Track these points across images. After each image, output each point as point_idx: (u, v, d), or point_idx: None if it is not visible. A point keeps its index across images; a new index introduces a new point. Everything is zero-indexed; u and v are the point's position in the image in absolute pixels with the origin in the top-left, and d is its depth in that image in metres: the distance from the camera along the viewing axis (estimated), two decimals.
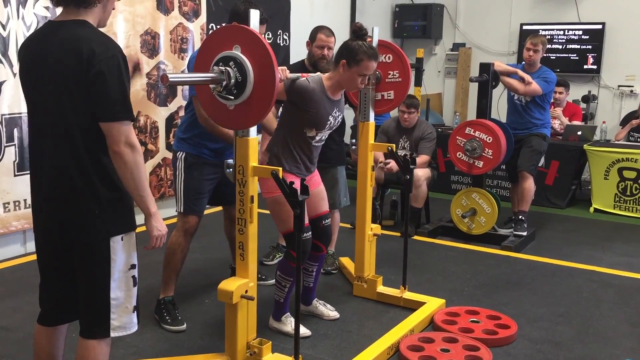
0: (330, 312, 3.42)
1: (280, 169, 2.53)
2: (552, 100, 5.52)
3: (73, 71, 1.92)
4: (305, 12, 6.83)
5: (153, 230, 2.08)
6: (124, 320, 2.11)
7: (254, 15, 2.49)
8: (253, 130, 2.54)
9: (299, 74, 2.98)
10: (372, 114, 3.61)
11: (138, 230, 2.12)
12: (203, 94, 2.51)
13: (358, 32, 3.02)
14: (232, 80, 2.33)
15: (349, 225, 5.22)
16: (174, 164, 3.34)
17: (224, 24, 5.83)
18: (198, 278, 3.93)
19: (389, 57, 3.64)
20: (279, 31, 6.41)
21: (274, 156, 3.01)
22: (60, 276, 2.14)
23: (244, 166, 2.55)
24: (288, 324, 3.17)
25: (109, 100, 1.92)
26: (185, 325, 3.23)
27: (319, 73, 3.16)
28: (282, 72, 2.75)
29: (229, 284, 2.54)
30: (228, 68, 2.34)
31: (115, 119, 1.94)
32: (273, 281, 3.49)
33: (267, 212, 3.05)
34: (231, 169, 2.60)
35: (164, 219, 2.22)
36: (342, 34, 7.52)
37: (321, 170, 3.31)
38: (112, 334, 2.10)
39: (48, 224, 2.08)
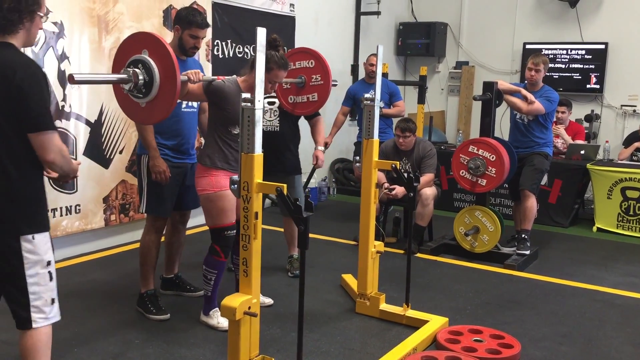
0: (265, 299, 3.68)
1: (285, 185, 2.53)
2: (554, 120, 5.53)
3: None
4: (309, 30, 6.88)
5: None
6: (44, 311, 2.29)
7: (261, 32, 2.51)
8: (258, 147, 2.55)
9: (216, 77, 3.25)
10: (376, 132, 3.62)
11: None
12: (120, 95, 2.72)
13: (272, 42, 3.31)
14: (141, 81, 2.54)
15: (352, 242, 5.22)
16: (138, 167, 3.56)
17: (229, 41, 5.88)
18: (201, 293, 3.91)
19: (311, 63, 3.88)
20: (284, 48, 6.44)
21: (206, 156, 3.25)
22: None
23: (248, 182, 2.55)
24: (214, 317, 3.39)
25: (33, 114, 2.16)
26: (169, 314, 3.49)
27: (234, 75, 3.38)
28: (195, 75, 3.00)
29: (232, 301, 2.53)
30: (136, 69, 2.56)
31: (41, 129, 2.17)
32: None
33: (269, 227, 3.06)
34: (236, 185, 2.60)
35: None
36: (346, 52, 7.62)
37: (277, 179, 3.40)
38: (34, 325, 2.27)
39: None
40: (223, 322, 3.32)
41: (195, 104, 3.58)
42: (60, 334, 2.37)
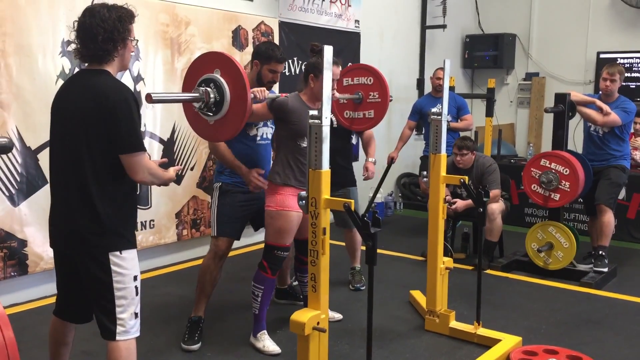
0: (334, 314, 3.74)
1: (352, 201, 2.54)
2: (631, 131, 5.30)
3: (90, 112, 2.28)
4: (374, 45, 6.90)
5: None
6: (128, 324, 2.38)
7: (328, 50, 2.54)
8: (326, 163, 2.57)
9: (279, 94, 3.29)
10: (444, 146, 3.58)
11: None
12: (189, 111, 2.81)
13: (315, 49, 3.36)
14: (212, 99, 2.62)
15: (420, 257, 5.16)
16: (212, 196, 3.62)
17: (295, 58, 5.96)
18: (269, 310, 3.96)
19: (369, 80, 3.88)
20: (349, 64, 6.48)
21: (276, 174, 3.28)
22: (68, 283, 2.50)
23: (316, 198, 2.57)
24: (260, 340, 3.37)
25: (124, 136, 2.29)
26: (197, 346, 3.38)
27: (295, 91, 3.42)
28: (261, 93, 3.06)
29: (301, 316, 2.55)
30: (208, 88, 2.63)
31: (130, 151, 2.30)
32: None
33: (336, 242, 3.06)
34: (304, 201, 2.63)
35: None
36: (412, 66, 7.59)
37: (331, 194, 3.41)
38: (117, 337, 2.36)
39: (58, 237, 2.42)
40: (269, 346, 3.33)
41: (268, 135, 3.59)
42: (136, 346, 2.45)
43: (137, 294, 2.41)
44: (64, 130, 2.37)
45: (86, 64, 2.42)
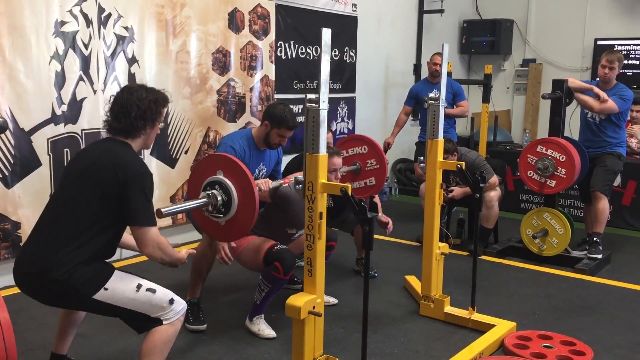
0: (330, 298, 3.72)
1: (350, 185, 2.53)
2: (628, 119, 5.30)
3: (104, 178, 2.33)
4: (372, 30, 6.85)
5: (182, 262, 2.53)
6: (168, 314, 2.42)
7: (326, 33, 2.51)
8: (323, 147, 2.54)
9: (281, 181, 3.33)
10: (441, 132, 3.57)
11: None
12: (197, 216, 2.82)
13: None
14: (219, 201, 2.65)
15: (415, 243, 5.17)
16: None
17: (291, 41, 5.90)
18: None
19: (364, 148, 3.92)
20: (346, 48, 6.45)
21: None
22: None
23: (313, 182, 2.56)
24: (256, 324, 3.38)
25: (135, 209, 2.33)
26: (205, 325, 3.41)
27: (300, 175, 3.34)
28: (265, 184, 3.15)
29: (297, 300, 2.54)
30: (214, 191, 2.66)
31: (138, 224, 2.34)
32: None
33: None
34: (300, 185, 2.61)
35: None
36: (409, 51, 7.56)
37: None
38: (165, 323, 2.40)
39: (31, 287, 2.43)
40: (264, 330, 3.35)
41: (263, 174, 3.63)
42: (130, 329, 2.45)
43: (154, 292, 2.40)
44: (70, 181, 2.44)
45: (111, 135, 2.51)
